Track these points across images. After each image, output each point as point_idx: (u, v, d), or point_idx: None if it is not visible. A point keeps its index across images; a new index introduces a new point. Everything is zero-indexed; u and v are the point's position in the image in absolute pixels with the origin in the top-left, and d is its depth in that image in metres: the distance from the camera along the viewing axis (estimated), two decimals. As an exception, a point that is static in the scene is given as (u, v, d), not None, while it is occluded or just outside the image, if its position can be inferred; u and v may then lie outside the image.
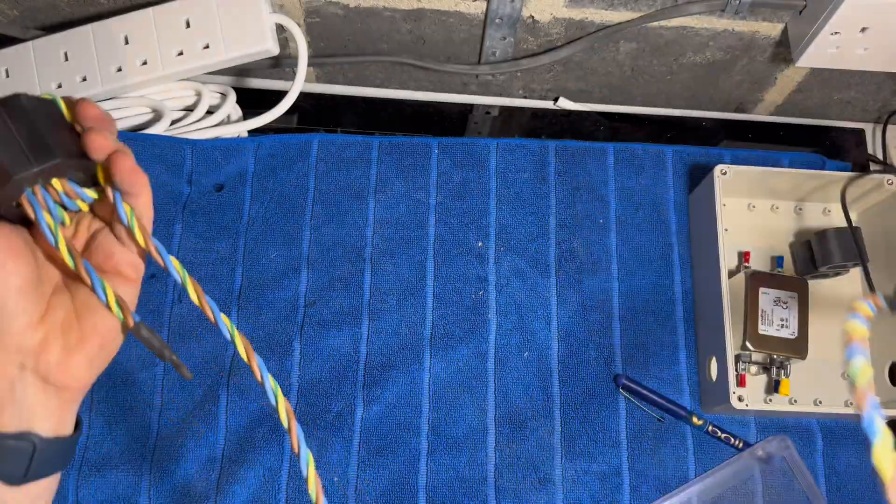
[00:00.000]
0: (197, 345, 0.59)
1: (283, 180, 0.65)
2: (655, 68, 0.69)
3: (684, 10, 0.60)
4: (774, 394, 0.61)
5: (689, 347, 0.62)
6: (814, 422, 0.61)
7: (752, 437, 0.60)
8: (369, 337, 0.61)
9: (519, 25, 0.63)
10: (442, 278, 0.63)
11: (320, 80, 0.73)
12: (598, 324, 0.62)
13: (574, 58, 0.67)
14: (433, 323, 0.61)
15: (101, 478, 0.56)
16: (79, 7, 0.64)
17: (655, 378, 0.61)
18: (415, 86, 0.73)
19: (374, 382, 0.59)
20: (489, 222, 0.65)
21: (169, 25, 0.62)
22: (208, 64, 0.62)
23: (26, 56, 0.64)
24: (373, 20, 0.64)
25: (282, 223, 0.63)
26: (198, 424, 0.57)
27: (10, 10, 0.64)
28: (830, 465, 0.60)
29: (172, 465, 0.56)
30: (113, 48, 0.62)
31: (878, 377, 0.62)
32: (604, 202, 0.66)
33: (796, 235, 0.67)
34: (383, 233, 0.64)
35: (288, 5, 0.63)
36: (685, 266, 0.65)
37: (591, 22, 0.63)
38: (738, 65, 0.68)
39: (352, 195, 0.65)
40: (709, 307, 0.60)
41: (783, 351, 0.60)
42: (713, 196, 0.61)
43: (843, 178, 0.63)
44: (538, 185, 0.66)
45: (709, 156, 0.69)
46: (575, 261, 0.64)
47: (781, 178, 0.64)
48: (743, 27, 0.63)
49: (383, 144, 0.66)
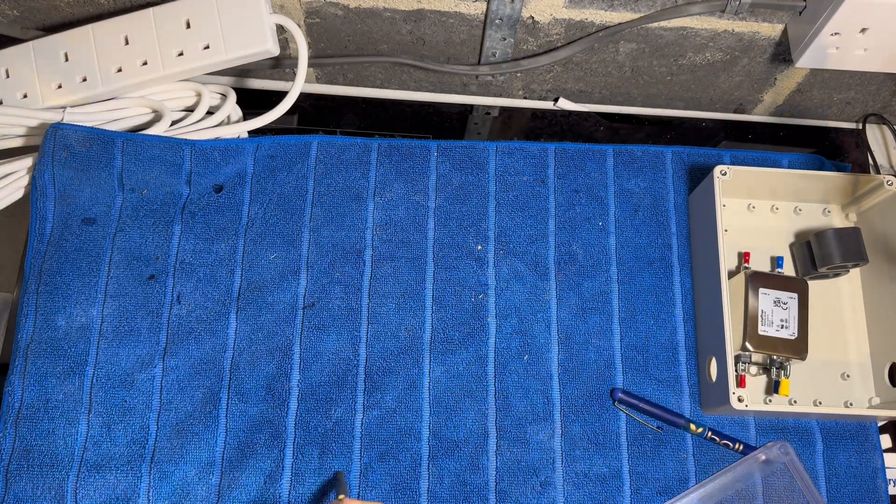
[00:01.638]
0: (196, 346, 0.59)
1: (282, 182, 0.65)
2: (655, 69, 0.69)
3: (684, 11, 0.60)
4: (774, 394, 0.61)
5: (689, 348, 0.62)
6: (813, 423, 0.61)
7: (752, 438, 0.60)
8: (368, 340, 0.61)
9: (519, 26, 0.63)
10: (441, 281, 0.63)
11: (320, 80, 0.73)
12: (598, 326, 0.62)
13: (574, 58, 0.67)
14: (433, 326, 0.61)
15: (100, 479, 0.55)
16: (79, 7, 0.64)
17: (655, 380, 0.61)
18: (415, 86, 0.73)
19: (375, 387, 0.59)
20: (488, 225, 0.65)
21: (169, 26, 0.62)
22: (208, 64, 0.62)
23: (26, 56, 0.63)
24: (373, 21, 0.64)
25: (281, 225, 0.63)
26: (197, 427, 0.57)
27: (10, 11, 0.64)
28: (830, 467, 0.60)
29: (171, 467, 0.56)
30: (113, 49, 0.62)
31: (878, 377, 0.62)
32: (603, 204, 0.66)
33: (796, 236, 0.67)
34: (382, 235, 0.64)
35: (288, 6, 0.63)
36: (685, 267, 0.65)
37: (590, 23, 0.63)
38: (737, 65, 0.68)
39: (351, 197, 0.65)
40: (708, 308, 0.60)
41: (783, 351, 0.60)
42: (713, 197, 0.61)
43: (842, 179, 0.63)
44: (537, 187, 0.66)
45: (708, 156, 0.68)
46: (574, 263, 0.64)
47: (781, 178, 0.64)
48: (743, 28, 0.63)
49: (382, 146, 0.66)
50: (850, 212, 0.67)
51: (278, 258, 0.62)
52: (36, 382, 0.57)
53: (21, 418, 0.56)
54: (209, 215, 0.63)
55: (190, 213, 0.63)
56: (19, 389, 0.57)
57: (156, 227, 0.62)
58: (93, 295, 0.59)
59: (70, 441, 0.56)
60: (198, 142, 0.64)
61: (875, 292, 0.64)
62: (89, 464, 0.56)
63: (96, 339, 0.58)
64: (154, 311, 0.60)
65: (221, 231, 0.63)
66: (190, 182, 0.64)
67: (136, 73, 0.62)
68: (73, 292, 0.59)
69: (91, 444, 0.56)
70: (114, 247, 0.61)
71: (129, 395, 0.58)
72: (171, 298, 0.60)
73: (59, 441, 0.56)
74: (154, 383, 0.58)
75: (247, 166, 0.65)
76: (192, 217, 0.63)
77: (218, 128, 0.66)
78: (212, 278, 0.61)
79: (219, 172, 0.64)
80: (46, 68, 0.63)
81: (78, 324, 0.59)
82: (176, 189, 0.64)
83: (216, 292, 0.61)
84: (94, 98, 0.64)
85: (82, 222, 0.61)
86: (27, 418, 0.56)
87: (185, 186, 0.64)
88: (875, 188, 0.63)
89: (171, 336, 0.59)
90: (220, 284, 0.61)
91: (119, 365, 0.58)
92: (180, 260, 0.61)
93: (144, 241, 0.61)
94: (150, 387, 0.58)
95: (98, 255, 0.60)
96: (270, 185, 0.64)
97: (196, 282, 0.61)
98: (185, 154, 0.64)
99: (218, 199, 0.64)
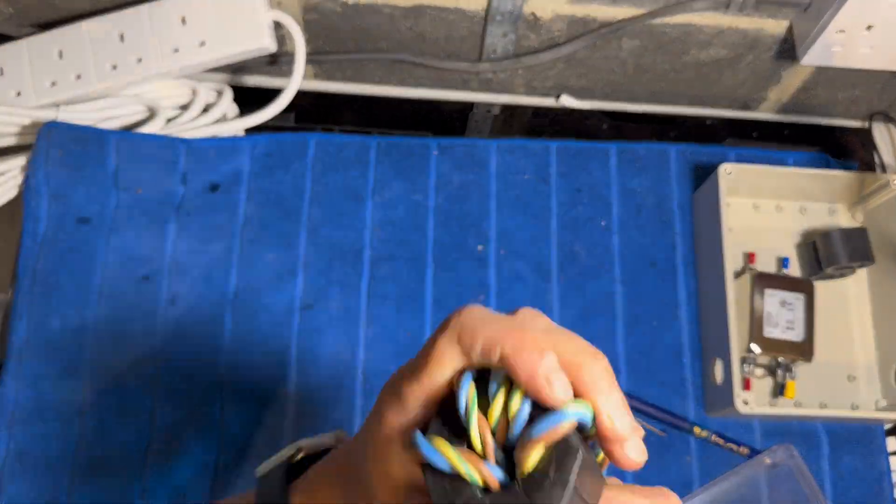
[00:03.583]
0: (191, 348, 0.59)
1: (279, 180, 0.64)
2: (659, 66, 0.68)
3: (688, 7, 0.60)
4: (780, 397, 0.60)
5: (694, 350, 0.62)
6: (819, 426, 0.60)
7: (757, 441, 0.60)
8: (367, 342, 0.60)
9: (520, 22, 0.63)
10: (441, 283, 0.62)
11: (318, 77, 0.72)
12: (601, 328, 0.62)
13: (576, 55, 0.67)
14: (433, 328, 0.60)
15: (95, 481, 0.55)
16: (73, 4, 0.63)
17: (659, 382, 0.60)
18: (414, 83, 0.72)
19: (373, 390, 0.59)
20: (489, 225, 0.64)
21: (164, 22, 0.61)
22: (204, 61, 0.62)
23: (20, 54, 0.63)
24: (372, 17, 0.63)
25: (278, 224, 0.63)
26: (192, 429, 0.57)
27: (4, 8, 0.64)
28: (836, 470, 0.60)
29: (166, 469, 0.56)
30: (107, 46, 0.62)
31: (885, 379, 0.62)
32: (606, 203, 0.65)
33: (802, 236, 0.66)
34: (381, 235, 0.63)
35: (285, 2, 0.62)
36: (689, 267, 0.64)
37: (593, 19, 0.62)
38: (742, 62, 0.67)
39: (349, 196, 0.64)
40: (713, 309, 0.60)
41: (789, 353, 0.59)
42: (717, 196, 0.60)
43: (848, 178, 0.63)
44: (539, 186, 0.65)
45: (713, 154, 0.68)
46: (577, 264, 0.63)
47: (786, 177, 0.63)
48: (747, 24, 0.62)
49: (381, 145, 0.66)
50: (857, 211, 0.66)
51: (275, 258, 0.62)
52: (30, 384, 0.56)
53: (15, 420, 0.56)
54: (205, 215, 0.62)
55: (185, 212, 0.62)
56: (13, 391, 0.56)
57: (150, 226, 0.61)
58: (87, 295, 0.59)
59: (65, 443, 0.55)
60: (193, 140, 0.64)
61: (882, 293, 0.63)
62: (84, 466, 0.55)
63: (90, 341, 0.58)
64: (149, 311, 0.59)
65: (217, 231, 0.62)
66: (185, 181, 0.63)
67: (131, 70, 0.62)
68: (67, 293, 0.59)
69: (86, 446, 0.56)
70: (108, 246, 0.60)
71: (124, 396, 0.57)
72: (166, 299, 0.60)
73: (54, 443, 0.55)
74: (149, 385, 0.58)
75: (243, 165, 0.64)
76: (188, 216, 0.62)
77: (214, 126, 0.65)
78: (207, 279, 0.61)
79: (214, 171, 0.64)
80: (40, 66, 0.63)
81: (72, 325, 0.58)
82: (171, 188, 0.63)
83: (211, 293, 0.60)
84: (88, 96, 0.63)
85: (76, 222, 0.61)
86: (21, 420, 0.56)
87: (181, 185, 0.63)
88: (881, 187, 0.62)
89: (165, 337, 0.59)
90: (216, 285, 0.61)
91: (114, 366, 0.58)
92: (175, 260, 0.61)
93: (139, 241, 0.61)
94: (145, 388, 0.57)
95: (92, 255, 0.60)
96: (267, 183, 0.64)
97: (191, 282, 0.60)
98: (180, 152, 0.63)
99: (213, 198, 0.63)
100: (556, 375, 0.25)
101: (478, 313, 0.27)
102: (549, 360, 0.25)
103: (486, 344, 0.26)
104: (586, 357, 0.26)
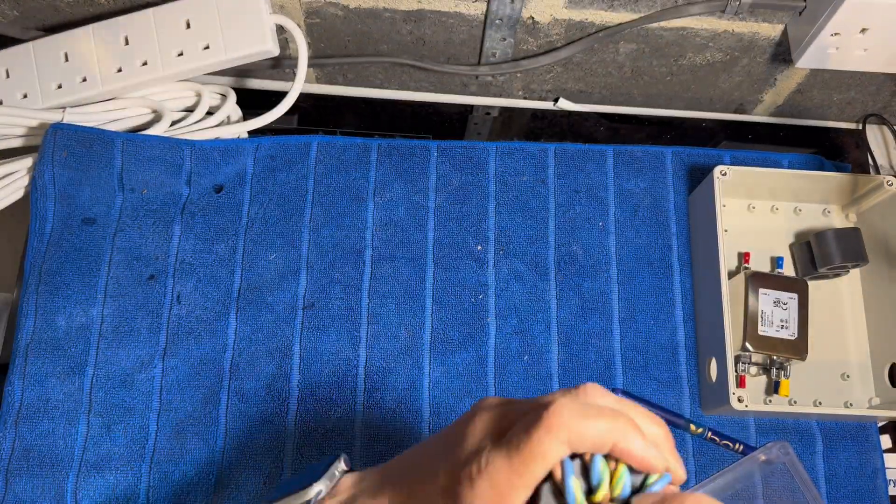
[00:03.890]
0: (196, 346, 0.59)
1: (282, 182, 0.65)
2: (655, 69, 0.69)
3: (684, 11, 0.60)
4: (774, 395, 0.61)
5: (689, 349, 0.62)
6: (814, 423, 0.61)
7: (752, 438, 0.60)
8: (368, 340, 0.61)
9: (519, 26, 0.63)
10: (441, 282, 0.63)
11: (320, 80, 0.73)
12: (598, 326, 0.62)
13: (574, 59, 0.67)
14: (433, 327, 0.61)
15: (100, 479, 0.55)
16: (79, 7, 0.64)
17: (655, 380, 0.61)
18: (415, 87, 0.73)
19: (374, 387, 0.59)
20: (488, 226, 0.65)
21: (169, 26, 0.62)
22: (208, 64, 0.62)
23: (26, 56, 0.63)
24: (373, 21, 0.64)
25: (281, 225, 0.63)
26: (197, 427, 0.57)
27: (10, 11, 0.64)
28: (830, 467, 0.60)
29: (171, 467, 0.56)
30: (113, 49, 0.62)
31: (878, 378, 0.62)
32: (603, 204, 0.66)
33: (796, 236, 0.67)
34: (382, 235, 0.64)
35: (288, 6, 0.63)
36: (685, 267, 0.65)
37: (590, 23, 0.63)
38: (737, 66, 0.68)
39: (351, 197, 0.65)
40: (708, 308, 0.60)
41: (783, 352, 0.60)
42: (713, 197, 0.61)
43: (842, 179, 0.63)
44: (537, 188, 0.66)
45: (708, 157, 0.68)
46: (574, 264, 0.64)
47: (781, 179, 0.64)
48: (743, 28, 0.63)
49: (382, 147, 0.66)
50: (850, 212, 0.67)
51: (278, 258, 0.62)
52: (36, 382, 0.57)
53: (21, 418, 0.56)
54: (209, 215, 0.63)
55: (190, 213, 0.63)
56: (19, 389, 0.57)
57: (156, 227, 0.62)
58: (93, 295, 0.59)
59: (70, 441, 0.56)
60: (198, 142, 0.64)
61: (875, 293, 0.64)
62: (89, 464, 0.56)
63: (96, 339, 0.58)
64: (154, 311, 0.60)
65: (221, 231, 0.63)
66: (190, 182, 0.64)
67: (136, 73, 0.62)
68: (73, 292, 0.59)
69: (91, 444, 0.56)
70: (114, 247, 0.61)
71: (129, 395, 0.58)
72: (171, 298, 0.60)
73: (59, 441, 0.56)
74: (154, 383, 0.58)
75: (247, 166, 0.65)
76: (192, 217, 0.63)
77: (218, 128, 0.66)
78: (212, 278, 0.61)
79: (219, 172, 0.64)
80: (46, 68, 0.63)
81: (78, 324, 0.59)
82: (176, 189, 0.64)
83: (216, 292, 0.61)
84: (93, 98, 0.64)
85: (82, 222, 0.61)
86: (27, 418, 0.56)
87: (185, 186, 0.64)
88: (875, 188, 0.63)
89: (170, 336, 0.59)
90: (220, 284, 0.61)
91: (119, 365, 0.58)
92: (180, 260, 0.61)
93: (144, 241, 0.61)
94: (150, 387, 0.58)
95: (98, 255, 0.60)
96: (270, 185, 0.64)
97: (196, 282, 0.61)
98: (185, 154, 0.64)
99: (218, 199, 0.64)
100: (653, 451, 0.31)
101: (571, 409, 0.30)
102: (644, 440, 0.31)
103: (597, 442, 0.30)
104: (661, 429, 0.33)
